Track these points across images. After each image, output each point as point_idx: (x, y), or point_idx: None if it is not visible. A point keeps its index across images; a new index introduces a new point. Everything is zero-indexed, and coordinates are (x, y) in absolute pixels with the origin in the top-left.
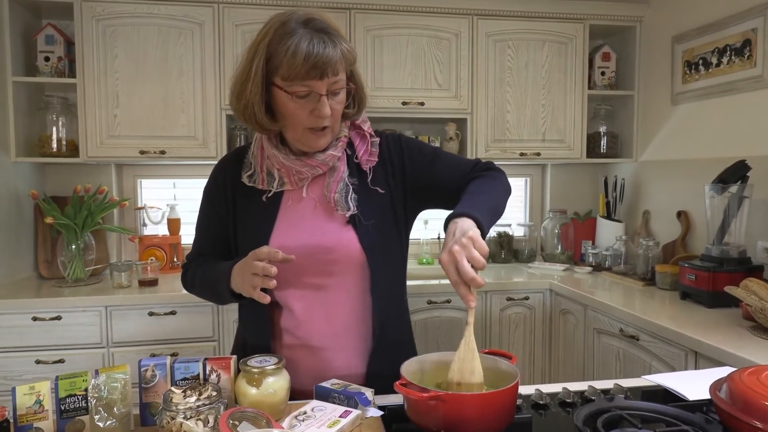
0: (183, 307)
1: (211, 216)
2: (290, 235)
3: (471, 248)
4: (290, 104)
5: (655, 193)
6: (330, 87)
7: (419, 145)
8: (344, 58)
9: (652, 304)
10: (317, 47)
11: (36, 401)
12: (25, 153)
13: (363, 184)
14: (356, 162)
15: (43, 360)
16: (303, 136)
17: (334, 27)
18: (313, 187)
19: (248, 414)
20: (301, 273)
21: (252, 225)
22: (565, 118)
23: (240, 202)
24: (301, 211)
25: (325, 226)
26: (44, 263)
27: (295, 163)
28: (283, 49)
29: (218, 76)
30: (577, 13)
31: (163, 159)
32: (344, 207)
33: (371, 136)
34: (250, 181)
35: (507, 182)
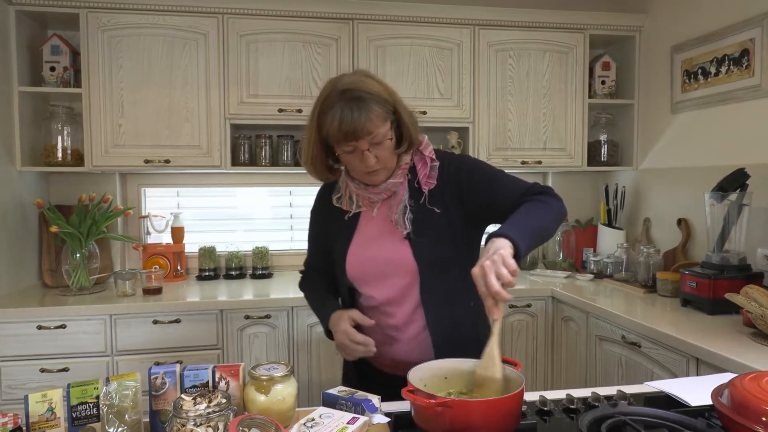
0: (187, 315)
1: (316, 231)
2: (363, 248)
3: (500, 265)
4: (344, 157)
5: (655, 201)
6: (371, 141)
7: (479, 168)
8: (376, 117)
9: (654, 311)
10: (348, 116)
11: (48, 409)
12: (30, 162)
13: (421, 206)
14: (417, 186)
15: (48, 369)
16: (360, 177)
17: (368, 89)
18: (382, 209)
19: (257, 421)
20: (372, 279)
21: (338, 238)
22: (566, 127)
23: (331, 219)
24: (372, 228)
25: (388, 241)
26: (48, 272)
27: (364, 192)
28: (326, 120)
29: (223, 86)
30: (577, 23)
31: (167, 168)
32: (402, 225)
33: (431, 161)
34: (337, 203)
35: (558, 206)
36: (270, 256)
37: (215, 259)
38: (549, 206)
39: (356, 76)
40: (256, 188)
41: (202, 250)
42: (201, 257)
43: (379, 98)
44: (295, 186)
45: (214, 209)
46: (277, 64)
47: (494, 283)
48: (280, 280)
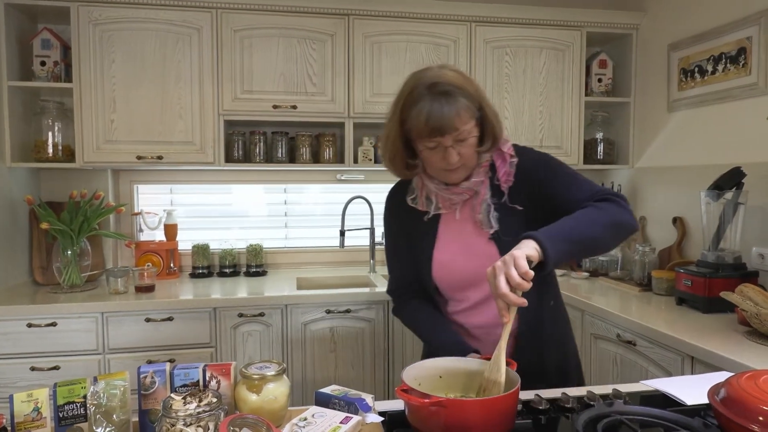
0: (180, 313)
1: (396, 240)
2: (448, 251)
3: (510, 266)
4: (425, 153)
5: (651, 200)
6: (455, 138)
7: (554, 166)
8: (464, 113)
9: (649, 310)
10: (436, 111)
11: (34, 409)
12: (20, 158)
13: (503, 204)
14: (497, 183)
15: (38, 367)
16: (439, 175)
17: (456, 84)
18: (464, 210)
19: (249, 420)
20: (461, 283)
21: (418, 240)
22: (562, 125)
23: (409, 222)
24: (456, 230)
25: (474, 243)
26: (39, 269)
27: (445, 192)
28: (411, 114)
29: (216, 81)
30: (574, 21)
31: (160, 164)
32: (487, 225)
33: (510, 157)
34: (413, 203)
35: (621, 215)
36: (264, 253)
37: (209, 256)
38: (606, 214)
39: (443, 69)
40: (250, 185)
41: (196, 247)
42: (194, 255)
43: (466, 93)
44: (290, 183)
45: (207, 206)
46: (271, 60)
47: (501, 285)
48: (274, 277)
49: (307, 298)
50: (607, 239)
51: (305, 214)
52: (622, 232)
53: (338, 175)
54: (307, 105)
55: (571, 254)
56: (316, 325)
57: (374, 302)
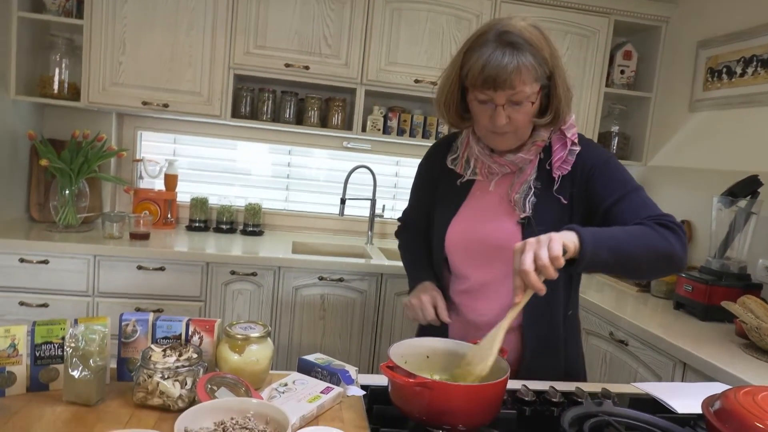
0: (172, 264)
1: (420, 188)
2: (468, 222)
3: (543, 246)
4: (474, 107)
5: (660, 199)
6: (509, 98)
7: (614, 177)
8: (525, 72)
9: (645, 311)
10: (495, 60)
11: (11, 344)
12: (25, 92)
13: (547, 191)
14: (548, 168)
15: (27, 302)
16: (485, 136)
17: (530, 40)
18: (501, 184)
19: (228, 380)
20: (470, 257)
21: (443, 204)
22: (578, 114)
23: (442, 180)
24: (485, 203)
25: (499, 222)
26: (36, 206)
27: (487, 159)
28: (471, 58)
29: (230, 32)
30: (603, 7)
31: (165, 112)
32: (521, 207)
33: (572, 144)
34: (452, 164)
35: (672, 245)
36: (263, 213)
37: (207, 210)
38: (662, 242)
39: (523, 21)
40: (255, 143)
41: (194, 200)
42: (192, 207)
43: (538, 54)
44: (295, 145)
45: (210, 160)
46: (287, 17)
47: (528, 261)
48: (270, 238)
49: (301, 263)
50: (652, 268)
51: (308, 178)
52: (670, 266)
53: (345, 143)
54: (319, 67)
55: (609, 266)
56: (308, 290)
57: (368, 274)
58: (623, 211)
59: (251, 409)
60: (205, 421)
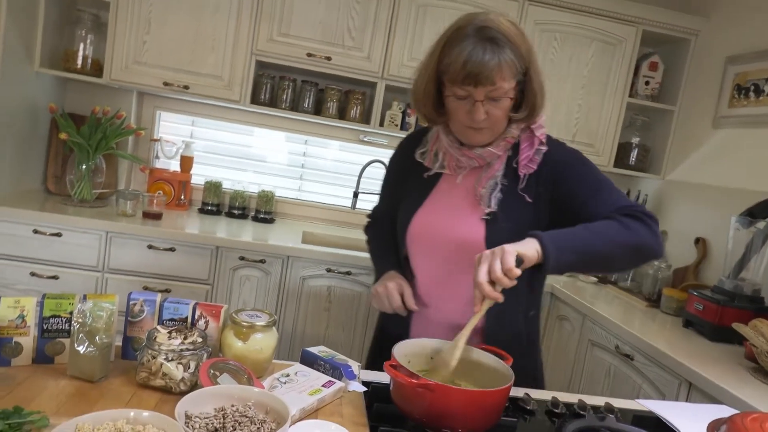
0: (183, 246)
1: (390, 182)
2: (432, 215)
3: (496, 259)
4: (451, 103)
5: (676, 215)
6: (488, 94)
7: (583, 170)
8: (506, 68)
9: (653, 327)
10: (476, 56)
11: (19, 315)
12: (49, 65)
13: (512, 188)
14: (515, 165)
15: (38, 273)
16: (461, 131)
17: (508, 35)
18: (468, 178)
19: (230, 367)
20: (432, 251)
21: (408, 196)
22: (599, 123)
23: (409, 174)
24: (451, 196)
25: (463, 216)
26: (53, 178)
27: (456, 152)
28: (451, 53)
29: (255, 18)
30: (632, 16)
31: (185, 94)
32: (486, 203)
33: (540, 144)
34: (420, 158)
35: (644, 237)
36: (275, 201)
37: (220, 194)
38: (629, 234)
39: (499, 17)
40: (272, 131)
41: (208, 183)
42: (206, 190)
43: (516, 49)
44: (312, 135)
45: (226, 145)
46: (313, 6)
47: (481, 275)
48: (281, 226)
49: (310, 253)
50: (623, 261)
51: (322, 169)
52: (642, 256)
53: (361, 136)
54: (341, 59)
55: (577, 267)
56: (315, 281)
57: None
58: (596, 207)
59: (252, 398)
60: (205, 407)
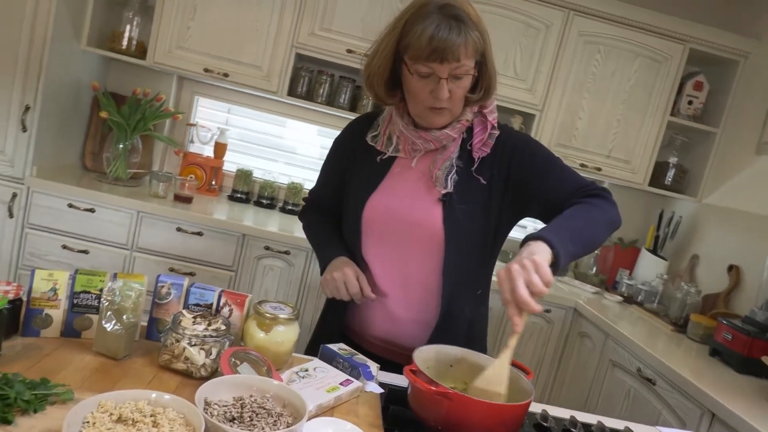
0: (210, 231)
1: (334, 165)
2: (387, 197)
3: (532, 272)
4: (413, 82)
5: (710, 240)
6: (452, 71)
7: (535, 151)
8: (470, 46)
9: (677, 352)
10: (443, 32)
11: (52, 288)
12: (95, 44)
13: (467, 170)
14: (469, 148)
15: (69, 247)
16: (422, 113)
17: (469, 14)
18: (423, 161)
19: (251, 357)
20: (387, 236)
21: (361, 180)
22: (637, 140)
23: (359, 158)
24: (405, 179)
25: (419, 198)
26: (90, 155)
27: (412, 134)
28: (413, 29)
29: (298, 11)
30: (680, 33)
31: (224, 82)
32: (442, 184)
33: (492, 128)
34: (372, 141)
35: (613, 213)
36: (304, 194)
37: (250, 183)
38: (603, 212)
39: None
40: (306, 124)
41: (240, 171)
42: (236, 178)
43: (477, 28)
44: None
45: (259, 134)
46: (356, 2)
47: (522, 292)
48: None
49: None
50: (603, 239)
51: None
52: (613, 230)
53: None
54: None
55: (576, 257)
56: None
57: None
58: (551, 186)
59: (271, 390)
60: (224, 394)
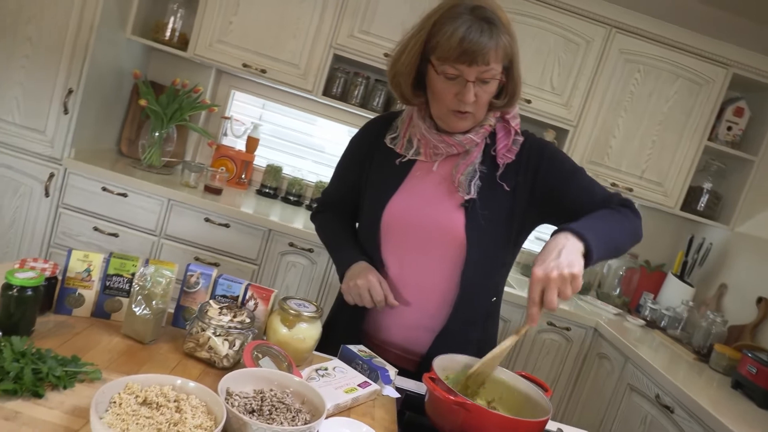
0: (237, 224)
1: (350, 165)
2: (407, 202)
3: (567, 285)
4: (439, 83)
5: (739, 269)
6: (480, 75)
7: (561, 158)
8: (500, 50)
9: (698, 382)
10: (474, 34)
11: (86, 269)
12: (139, 33)
13: (491, 176)
14: (493, 154)
15: (100, 229)
16: (445, 116)
17: (500, 18)
18: (444, 165)
19: (273, 351)
20: (406, 240)
21: (379, 183)
22: (671, 162)
23: (376, 159)
24: (426, 183)
25: (440, 203)
26: (126, 141)
27: (435, 138)
28: (444, 29)
29: (339, 12)
30: (724, 57)
31: (262, 78)
32: (465, 190)
33: (516, 134)
34: (391, 143)
35: (638, 225)
36: None
37: (279, 179)
38: (630, 222)
39: (489, 1)
40: (338, 124)
41: (269, 167)
42: (266, 173)
43: (508, 33)
44: None
45: (291, 131)
46: (398, 6)
47: (553, 300)
48: None
49: None
50: (627, 249)
51: None
52: (636, 242)
53: None
54: None
55: (602, 260)
56: None
57: None
58: (579, 194)
59: (291, 386)
60: (246, 386)
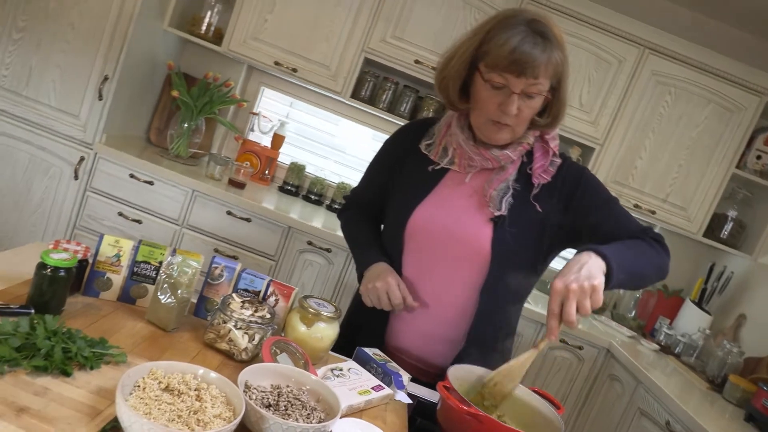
0: (259, 219)
1: (382, 166)
2: (434, 211)
3: (587, 297)
4: (484, 92)
5: (760, 301)
6: (526, 88)
7: (596, 187)
8: (551, 66)
9: (711, 412)
10: (527, 46)
11: (116, 255)
12: (176, 25)
13: (524, 195)
14: (528, 172)
15: (125, 215)
16: (484, 125)
17: (555, 34)
18: (477, 178)
19: (291, 348)
20: (429, 248)
21: (408, 188)
22: (697, 188)
23: (409, 164)
24: (456, 194)
25: (469, 215)
26: (156, 130)
27: (471, 149)
28: (497, 37)
29: (373, 17)
30: (758, 85)
31: (292, 77)
32: (496, 206)
33: (554, 155)
34: (426, 150)
35: (665, 262)
36: None
37: (301, 177)
38: (658, 256)
39: (548, 17)
40: (363, 127)
41: (293, 165)
42: (289, 171)
43: (561, 51)
44: None
45: (316, 131)
46: (432, 15)
47: (572, 312)
48: None
49: None
50: (650, 283)
51: None
52: (661, 278)
53: None
54: None
55: (622, 286)
56: None
57: None
58: (613, 224)
59: (308, 384)
60: (263, 380)
